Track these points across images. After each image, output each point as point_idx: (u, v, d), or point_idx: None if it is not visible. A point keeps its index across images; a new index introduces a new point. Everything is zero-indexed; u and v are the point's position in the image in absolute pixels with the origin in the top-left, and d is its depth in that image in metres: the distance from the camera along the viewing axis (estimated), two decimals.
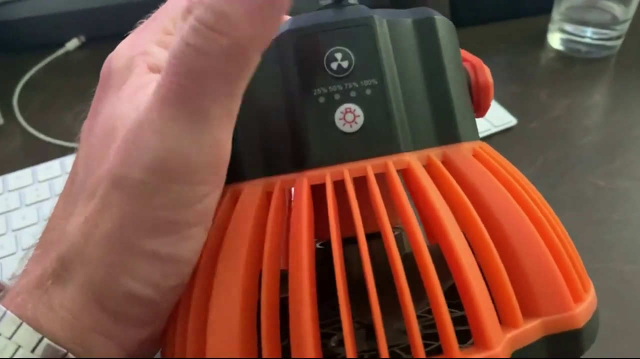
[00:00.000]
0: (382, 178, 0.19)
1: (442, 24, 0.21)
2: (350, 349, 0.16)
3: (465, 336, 0.19)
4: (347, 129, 0.19)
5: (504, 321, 0.18)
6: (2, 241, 0.43)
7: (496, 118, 0.51)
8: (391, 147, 0.19)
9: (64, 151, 0.51)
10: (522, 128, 0.51)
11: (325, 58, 0.19)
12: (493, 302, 0.18)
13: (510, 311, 0.18)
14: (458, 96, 0.21)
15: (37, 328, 0.17)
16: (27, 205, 0.45)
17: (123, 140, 0.17)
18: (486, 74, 0.22)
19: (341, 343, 0.24)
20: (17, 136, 0.55)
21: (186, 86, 0.16)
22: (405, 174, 0.19)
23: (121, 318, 0.18)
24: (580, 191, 0.44)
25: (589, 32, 0.58)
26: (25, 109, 0.58)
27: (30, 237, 0.42)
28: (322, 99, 0.19)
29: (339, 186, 0.19)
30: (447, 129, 0.20)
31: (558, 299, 0.18)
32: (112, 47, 0.21)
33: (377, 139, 0.19)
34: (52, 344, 0.17)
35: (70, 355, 0.18)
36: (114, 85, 0.19)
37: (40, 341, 0.17)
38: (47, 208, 0.45)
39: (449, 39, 0.21)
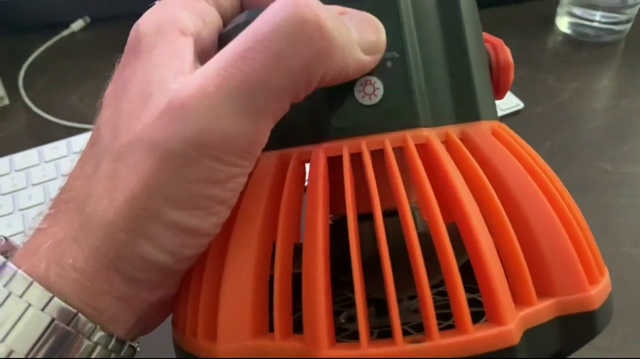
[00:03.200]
0: (399, 153, 0.19)
1: (465, 0, 0.21)
2: (363, 329, 0.16)
3: (476, 319, 0.19)
4: (366, 101, 0.19)
5: (518, 299, 0.18)
6: (10, 220, 0.43)
7: (503, 102, 0.51)
8: (410, 121, 0.19)
9: (69, 132, 0.51)
10: (530, 112, 0.51)
11: None
12: (508, 281, 0.18)
13: (524, 289, 0.18)
14: (479, 74, 0.20)
15: (48, 287, 0.17)
16: (34, 185, 0.45)
17: (168, 107, 0.17)
18: (507, 54, 0.22)
19: (350, 319, 0.24)
20: (22, 116, 0.55)
21: (258, 77, 0.16)
22: (424, 149, 0.19)
23: (134, 281, 0.18)
24: (587, 176, 0.44)
25: (597, 15, 0.57)
26: (30, 90, 0.58)
27: (36, 215, 0.42)
28: None
29: (356, 160, 0.19)
30: (466, 106, 0.20)
31: (573, 280, 0.18)
32: (117, 28, 0.20)
33: (396, 112, 0.19)
34: (63, 303, 0.17)
35: (81, 315, 0.18)
36: (145, 50, 0.19)
37: (50, 300, 0.17)
38: (54, 188, 0.45)
39: (471, 16, 0.21)
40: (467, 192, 0.18)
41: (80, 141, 0.49)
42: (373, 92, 0.19)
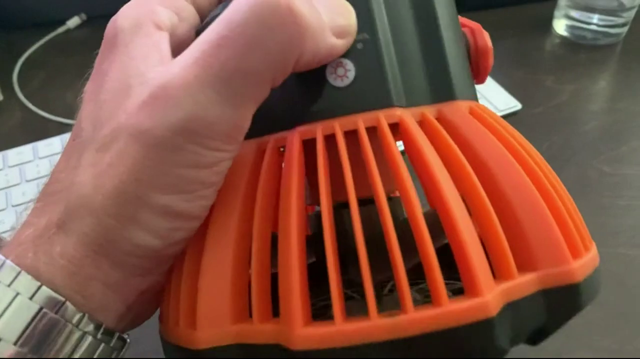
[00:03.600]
0: (374, 136, 0.18)
1: None
2: (337, 305, 0.16)
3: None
4: (338, 83, 0.19)
5: (498, 273, 0.17)
6: (3, 216, 0.42)
7: (501, 103, 0.51)
8: (383, 101, 0.19)
9: (64, 128, 0.51)
10: (527, 113, 0.51)
11: None
12: (489, 258, 0.17)
13: (504, 263, 0.17)
14: (453, 54, 0.20)
15: (36, 276, 0.17)
16: (28, 181, 0.45)
17: (151, 96, 0.17)
18: (485, 37, 0.22)
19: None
20: (17, 113, 0.54)
21: (236, 64, 0.16)
22: (398, 128, 0.19)
23: (124, 267, 0.19)
24: (585, 177, 0.44)
25: (595, 18, 0.58)
26: (25, 86, 0.57)
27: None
28: None
29: (331, 143, 0.18)
30: (441, 86, 0.20)
31: (555, 253, 0.18)
32: None
33: (368, 93, 0.19)
34: (51, 292, 0.18)
35: (69, 303, 0.18)
36: (122, 44, 0.19)
37: (38, 288, 0.17)
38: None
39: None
40: (442, 168, 0.18)
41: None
42: (345, 74, 0.19)
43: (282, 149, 0.20)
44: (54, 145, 0.48)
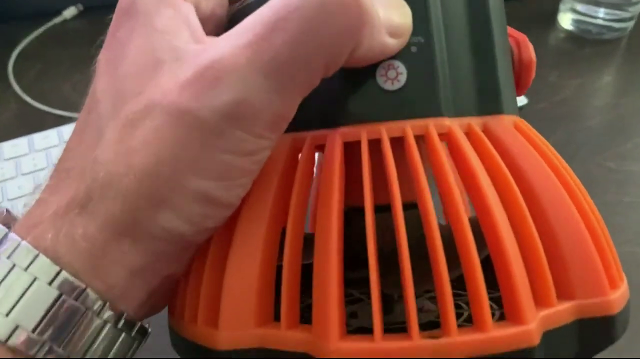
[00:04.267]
0: (418, 143, 0.18)
1: None
2: (377, 321, 0.16)
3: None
4: (388, 86, 0.18)
5: (537, 299, 0.17)
6: None
7: None
8: (432, 110, 0.18)
9: (61, 121, 0.50)
10: (532, 108, 0.50)
11: None
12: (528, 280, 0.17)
13: (544, 289, 0.17)
14: (503, 67, 0.19)
15: (55, 259, 0.16)
16: (24, 174, 0.44)
17: (196, 75, 0.16)
18: (530, 50, 0.21)
19: (353, 315, 0.23)
20: (12, 105, 0.53)
21: (291, 50, 0.16)
22: (446, 139, 0.18)
23: (150, 252, 0.18)
24: (590, 173, 0.44)
25: (601, 12, 0.57)
26: (21, 78, 0.56)
27: None
28: None
29: (371, 148, 0.18)
30: (490, 98, 0.19)
31: (594, 283, 0.17)
32: (110, 16, 0.20)
33: (418, 99, 0.18)
34: (71, 277, 0.16)
35: (89, 290, 0.17)
36: (143, 12, 0.18)
37: (58, 273, 0.16)
38: (44, 178, 0.43)
39: (498, 7, 0.20)
40: (490, 186, 0.17)
41: (72, 130, 0.47)
42: (396, 77, 0.18)
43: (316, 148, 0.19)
44: (51, 138, 0.47)
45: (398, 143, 0.18)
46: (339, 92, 0.18)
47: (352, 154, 0.18)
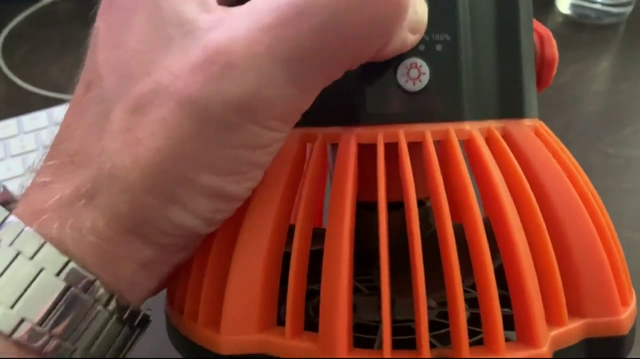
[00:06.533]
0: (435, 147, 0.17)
1: None
2: (387, 336, 0.15)
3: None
4: (409, 86, 0.17)
5: (549, 317, 0.16)
6: None
7: None
8: (454, 114, 0.17)
9: (50, 102, 0.49)
10: None
11: None
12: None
13: (557, 308, 0.16)
14: (527, 69, 0.18)
15: (62, 250, 0.15)
16: (13, 156, 0.43)
17: (206, 60, 0.14)
18: (554, 47, 0.20)
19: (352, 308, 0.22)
20: (1, 86, 0.52)
21: (316, 39, 0.14)
22: (466, 145, 0.17)
23: (159, 246, 0.17)
24: (588, 159, 0.43)
25: None
26: (9, 59, 0.55)
27: (16, 187, 0.40)
28: None
29: (387, 150, 0.17)
30: (512, 102, 0.18)
31: (606, 302, 0.17)
32: None
33: (440, 102, 0.17)
34: (80, 269, 0.16)
35: (98, 282, 0.16)
36: None
37: (66, 264, 0.15)
38: (33, 159, 0.43)
39: (526, 5, 0.19)
40: (509, 197, 0.16)
41: (62, 112, 0.46)
42: (418, 77, 0.17)
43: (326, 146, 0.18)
44: (40, 119, 0.46)
45: (411, 144, 0.17)
46: (355, 89, 0.17)
47: (364, 151, 0.17)
